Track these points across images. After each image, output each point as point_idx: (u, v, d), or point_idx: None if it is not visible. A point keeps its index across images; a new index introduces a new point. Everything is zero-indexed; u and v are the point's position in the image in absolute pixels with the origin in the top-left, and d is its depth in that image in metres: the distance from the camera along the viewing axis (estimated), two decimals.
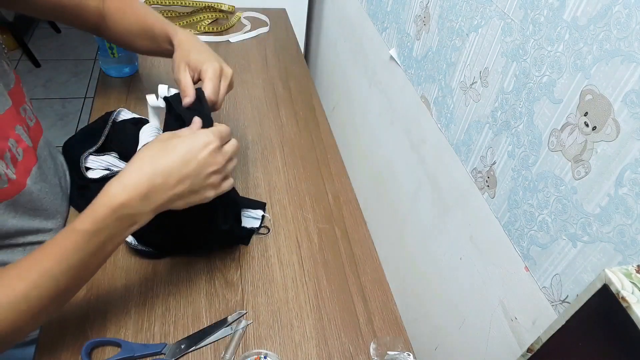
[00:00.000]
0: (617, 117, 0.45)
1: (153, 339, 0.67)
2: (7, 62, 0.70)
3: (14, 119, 0.67)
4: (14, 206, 0.66)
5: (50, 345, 0.64)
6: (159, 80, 1.18)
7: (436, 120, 0.81)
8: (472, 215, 0.70)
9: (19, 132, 0.68)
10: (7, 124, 0.66)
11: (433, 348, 0.82)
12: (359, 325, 0.74)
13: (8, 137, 0.66)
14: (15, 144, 0.67)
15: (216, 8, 1.48)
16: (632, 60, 0.43)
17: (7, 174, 0.64)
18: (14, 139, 0.67)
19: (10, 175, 0.64)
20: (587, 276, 0.49)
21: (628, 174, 0.44)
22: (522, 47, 0.59)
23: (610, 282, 0.36)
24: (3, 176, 0.63)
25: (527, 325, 0.58)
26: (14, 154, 0.66)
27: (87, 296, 0.70)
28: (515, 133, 0.60)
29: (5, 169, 0.64)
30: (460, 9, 0.73)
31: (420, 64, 0.87)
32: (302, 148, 1.04)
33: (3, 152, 0.64)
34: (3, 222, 0.65)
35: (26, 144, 0.69)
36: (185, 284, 0.75)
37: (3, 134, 0.65)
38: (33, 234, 0.71)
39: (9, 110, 0.67)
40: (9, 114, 0.66)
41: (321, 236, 0.86)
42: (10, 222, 0.66)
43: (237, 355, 0.67)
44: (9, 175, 0.64)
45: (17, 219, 0.67)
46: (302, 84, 1.26)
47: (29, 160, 0.69)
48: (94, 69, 2.75)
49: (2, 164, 0.63)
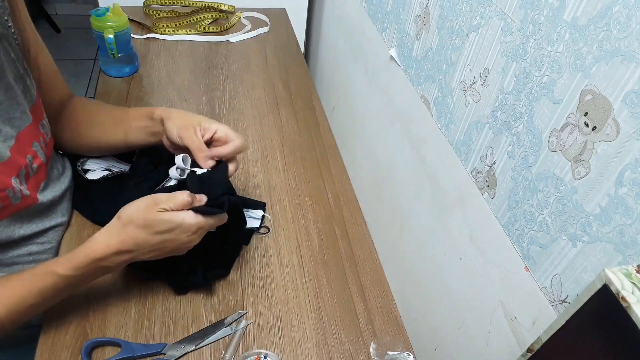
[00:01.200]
0: (617, 117, 0.45)
1: (153, 339, 0.67)
2: (30, 79, 0.69)
3: (33, 135, 0.67)
4: (21, 217, 0.67)
5: (50, 345, 0.64)
6: (159, 80, 1.18)
7: (436, 120, 0.81)
8: (472, 215, 0.70)
9: (36, 149, 0.68)
10: (26, 141, 0.66)
11: (433, 348, 0.82)
12: (359, 325, 0.73)
13: (26, 154, 0.66)
14: (31, 160, 0.67)
15: (216, 8, 1.48)
16: (632, 60, 0.43)
17: (21, 190, 0.65)
18: (31, 155, 0.67)
19: (24, 191, 0.65)
20: (587, 276, 0.49)
21: (628, 174, 0.44)
22: (522, 47, 0.59)
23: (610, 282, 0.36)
24: (17, 192, 0.64)
25: (527, 325, 0.58)
26: (28, 171, 0.66)
27: (87, 296, 0.70)
28: (515, 133, 0.60)
29: (20, 186, 0.64)
30: (460, 9, 0.73)
31: (420, 64, 0.87)
32: (302, 148, 1.04)
33: (20, 168, 0.64)
34: (10, 233, 0.66)
35: (41, 160, 0.69)
36: None
37: (22, 150, 0.65)
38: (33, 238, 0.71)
39: (29, 127, 0.66)
40: (28, 131, 0.66)
41: (321, 236, 0.86)
42: (16, 233, 0.67)
43: (237, 355, 0.67)
44: (23, 192, 0.65)
45: (23, 229, 0.68)
46: (302, 84, 1.26)
47: (40, 176, 0.70)
48: (94, 69, 2.75)
49: (17, 180, 0.64)
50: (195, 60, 1.28)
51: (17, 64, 0.66)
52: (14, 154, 0.63)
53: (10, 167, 0.63)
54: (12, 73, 0.64)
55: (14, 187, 0.63)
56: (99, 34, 1.09)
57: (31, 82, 0.69)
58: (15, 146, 0.64)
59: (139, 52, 1.26)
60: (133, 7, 1.44)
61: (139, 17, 1.41)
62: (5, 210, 0.63)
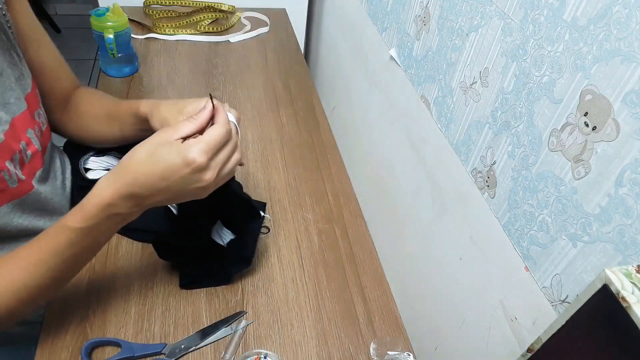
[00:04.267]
0: (617, 117, 0.45)
1: (153, 339, 0.67)
2: (25, 67, 0.69)
3: (27, 122, 0.68)
4: (21, 206, 0.67)
5: (51, 345, 0.64)
6: (159, 80, 1.18)
7: (436, 120, 0.81)
8: (472, 215, 0.70)
9: (30, 136, 0.69)
10: (21, 127, 0.67)
11: (433, 348, 0.82)
12: (359, 325, 0.73)
13: (20, 140, 0.66)
14: (25, 146, 0.67)
15: (216, 8, 1.48)
16: (632, 60, 0.43)
17: (17, 174, 0.65)
18: (25, 141, 0.68)
19: (20, 175, 0.66)
20: (587, 276, 0.49)
21: (628, 174, 0.44)
22: (522, 47, 0.59)
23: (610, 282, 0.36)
24: (14, 176, 0.64)
25: (527, 325, 0.58)
26: (22, 157, 0.67)
27: (87, 296, 0.70)
28: (515, 133, 0.60)
29: (14, 169, 0.65)
30: (460, 9, 0.73)
31: (420, 64, 0.87)
32: (302, 148, 1.04)
33: (13, 153, 0.65)
34: (9, 221, 0.66)
35: (35, 148, 0.70)
36: None
37: (16, 136, 0.65)
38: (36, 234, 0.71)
39: (23, 114, 0.67)
40: (23, 117, 0.67)
41: (321, 236, 0.86)
42: (15, 222, 0.67)
43: (237, 355, 0.67)
44: (19, 176, 0.65)
45: (22, 218, 0.68)
46: (302, 84, 1.26)
47: (35, 164, 0.70)
48: (94, 69, 2.75)
49: (11, 164, 0.64)
50: (195, 61, 1.28)
51: (11, 51, 0.66)
52: (7, 139, 0.63)
53: (4, 151, 0.63)
54: (6, 60, 0.64)
55: (9, 169, 0.63)
56: (99, 34, 1.09)
57: (26, 70, 0.69)
58: (10, 131, 0.64)
59: (139, 52, 1.26)
60: (133, 7, 1.44)
61: (139, 17, 1.41)
62: (4, 195, 0.63)
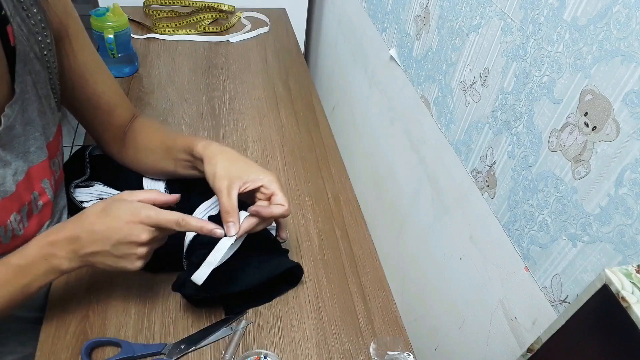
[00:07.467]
0: (617, 117, 0.45)
1: (153, 339, 0.67)
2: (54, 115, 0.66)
3: (44, 172, 0.65)
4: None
5: (50, 345, 0.64)
6: (159, 80, 1.18)
7: (436, 120, 0.81)
8: (472, 215, 0.71)
9: (45, 186, 0.66)
10: (36, 177, 0.64)
11: (433, 348, 0.82)
12: (359, 325, 0.73)
13: (33, 190, 0.64)
14: (37, 197, 0.65)
15: (216, 8, 1.48)
16: (632, 60, 0.43)
17: (14, 230, 0.61)
18: (38, 191, 0.65)
19: (18, 232, 0.62)
20: (587, 276, 0.49)
21: (628, 174, 0.44)
22: (522, 47, 0.59)
23: (610, 282, 0.36)
24: (9, 232, 0.61)
25: (527, 325, 0.58)
26: (31, 208, 0.64)
27: (87, 296, 0.70)
28: (515, 133, 0.60)
29: (18, 224, 0.62)
30: (460, 9, 0.73)
31: (420, 64, 0.87)
32: (302, 148, 1.04)
33: (23, 204, 0.62)
34: None
35: (48, 198, 0.67)
36: None
37: (29, 186, 0.63)
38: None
39: (42, 163, 0.64)
40: (41, 167, 0.64)
41: (321, 236, 0.86)
42: None
43: (237, 355, 0.67)
44: (16, 232, 0.62)
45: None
46: (302, 84, 1.26)
47: (44, 215, 0.67)
48: None
49: (18, 217, 0.61)
50: (195, 60, 1.28)
51: (44, 99, 0.63)
52: (19, 189, 0.61)
53: (13, 203, 0.60)
54: (37, 109, 0.62)
55: (6, 226, 0.60)
56: (99, 34, 1.09)
57: (54, 118, 0.66)
58: (24, 181, 0.61)
59: (139, 52, 1.26)
60: (133, 7, 1.44)
61: (139, 17, 1.41)
62: None
